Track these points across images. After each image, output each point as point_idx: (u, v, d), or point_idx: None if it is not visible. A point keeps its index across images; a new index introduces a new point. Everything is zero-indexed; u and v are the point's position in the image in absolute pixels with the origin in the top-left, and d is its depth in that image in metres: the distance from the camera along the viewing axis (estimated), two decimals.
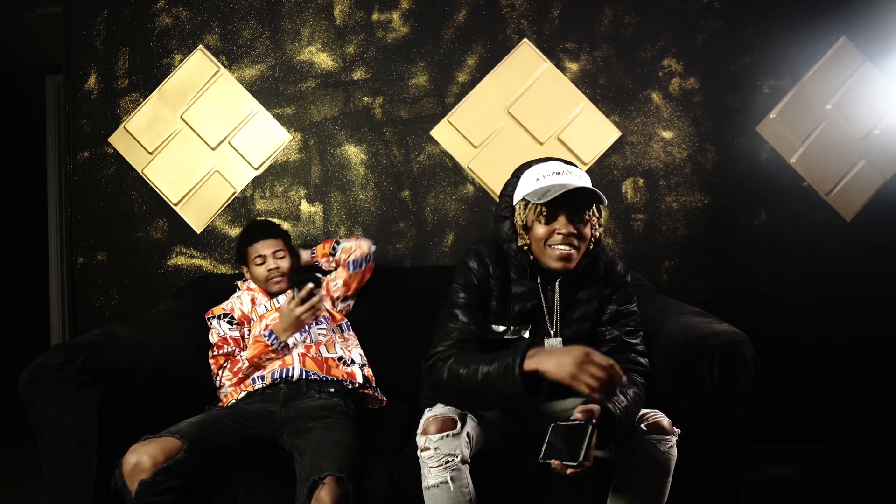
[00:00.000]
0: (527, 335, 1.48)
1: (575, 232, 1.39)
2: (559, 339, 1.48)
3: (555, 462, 1.17)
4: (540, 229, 1.41)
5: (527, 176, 1.45)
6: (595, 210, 1.45)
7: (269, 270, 1.92)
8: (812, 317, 2.35)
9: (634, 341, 1.47)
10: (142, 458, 1.31)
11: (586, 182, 1.40)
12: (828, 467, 2.30)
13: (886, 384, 2.34)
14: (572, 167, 1.45)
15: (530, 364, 1.24)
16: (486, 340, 1.48)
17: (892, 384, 2.34)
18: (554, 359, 1.22)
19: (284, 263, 1.95)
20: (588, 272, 1.50)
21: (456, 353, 1.39)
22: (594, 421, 1.19)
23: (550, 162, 1.46)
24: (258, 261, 1.93)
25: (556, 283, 1.49)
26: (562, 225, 1.39)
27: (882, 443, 2.33)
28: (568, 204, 1.38)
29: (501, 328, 1.49)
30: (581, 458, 1.13)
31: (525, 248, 1.46)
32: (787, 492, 2.14)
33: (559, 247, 1.39)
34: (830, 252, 2.35)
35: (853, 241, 2.35)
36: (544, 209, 1.39)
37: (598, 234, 1.47)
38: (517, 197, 1.46)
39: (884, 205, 2.34)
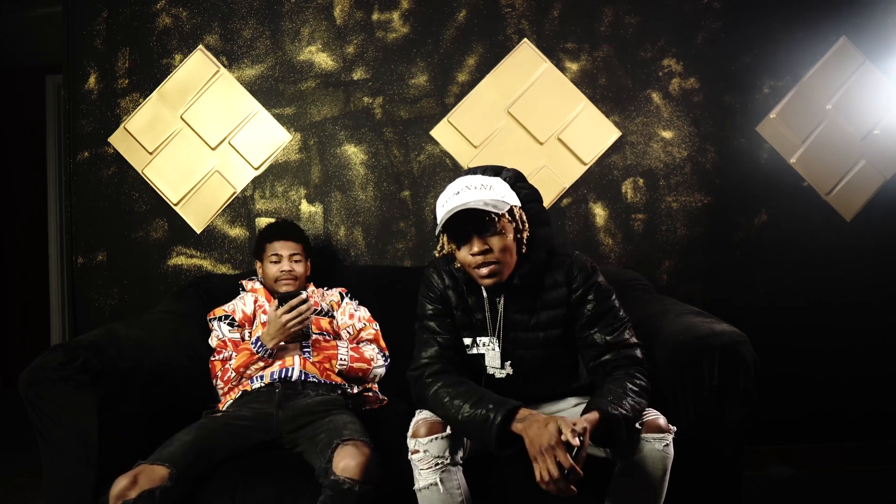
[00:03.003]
0: (496, 348, 1.48)
1: (487, 247, 1.37)
2: (497, 352, 1.48)
3: (541, 477, 1.19)
4: (458, 255, 1.42)
5: (438, 202, 1.44)
6: (511, 213, 1.39)
7: (281, 271, 1.92)
8: (812, 316, 2.35)
9: (624, 336, 1.43)
10: (127, 485, 1.31)
11: (480, 195, 1.35)
12: (828, 467, 2.30)
13: (887, 384, 2.34)
14: (475, 178, 1.40)
15: (518, 428, 1.25)
16: (462, 351, 1.50)
17: (892, 384, 2.34)
18: (534, 431, 1.22)
19: (299, 268, 1.96)
20: (545, 277, 1.48)
21: (443, 374, 1.40)
22: (580, 440, 1.19)
23: (456, 181, 1.43)
24: (273, 259, 1.94)
25: (502, 296, 1.48)
26: (472, 245, 1.37)
27: (882, 443, 2.33)
28: (472, 220, 1.35)
29: (468, 340, 1.50)
30: (567, 472, 1.16)
31: (460, 267, 1.46)
32: (787, 492, 2.14)
33: (478, 268, 1.39)
34: (830, 252, 2.35)
35: (853, 241, 2.35)
36: (452, 234, 1.38)
37: (525, 234, 1.42)
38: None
39: (884, 205, 2.34)
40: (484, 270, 1.39)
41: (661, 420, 1.32)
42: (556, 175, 2.34)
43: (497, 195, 1.38)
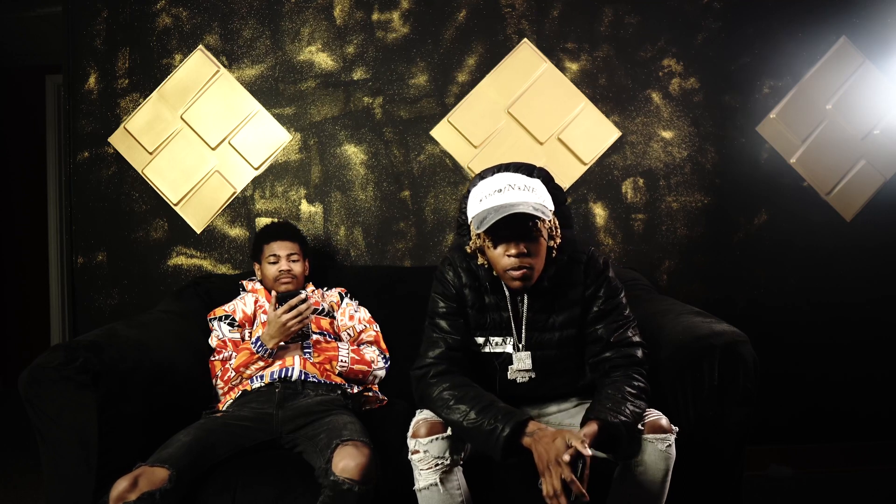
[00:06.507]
0: (509, 348, 1.47)
1: (525, 251, 1.36)
2: (528, 353, 1.47)
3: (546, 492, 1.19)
4: (491, 253, 1.40)
5: (473, 195, 1.43)
6: (546, 219, 1.39)
7: (280, 271, 1.92)
8: (812, 317, 2.35)
9: (627, 335, 1.44)
10: (127, 487, 1.31)
11: (526, 198, 1.35)
12: (828, 467, 2.30)
13: (887, 384, 2.34)
14: (518, 177, 1.40)
15: (527, 442, 1.25)
16: (472, 351, 1.48)
17: (892, 384, 2.34)
18: (542, 446, 1.21)
19: (297, 267, 1.96)
20: (565, 277, 1.48)
21: (448, 375, 1.39)
22: (581, 462, 1.18)
23: (495, 177, 1.42)
24: (271, 259, 1.94)
25: (525, 296, 1.47)
26: (510, 247, 1.37)
27: (882, 443, 2.33)
28: (513, 222, 1.34)
29: (481, 339, 1.49)
30: (573, 497, 1.16)
31: (485, 265, 1.45)
32: (787, 492, 2.14)
33: (512, 271, 1.38)
34: (830, 252, 2.35)
35: (853, 241, 2.34)
36: (490, 230, 1.36)
37: (557, 241, 1.44)
38: (469, 216, 1.44)
39: (884, 205, 2.34)
40: (518, 273, 1.38)
41: (664, 420, 1.32)
42: (556, 175, 2.27)
43: (539, 199, 1.38)
